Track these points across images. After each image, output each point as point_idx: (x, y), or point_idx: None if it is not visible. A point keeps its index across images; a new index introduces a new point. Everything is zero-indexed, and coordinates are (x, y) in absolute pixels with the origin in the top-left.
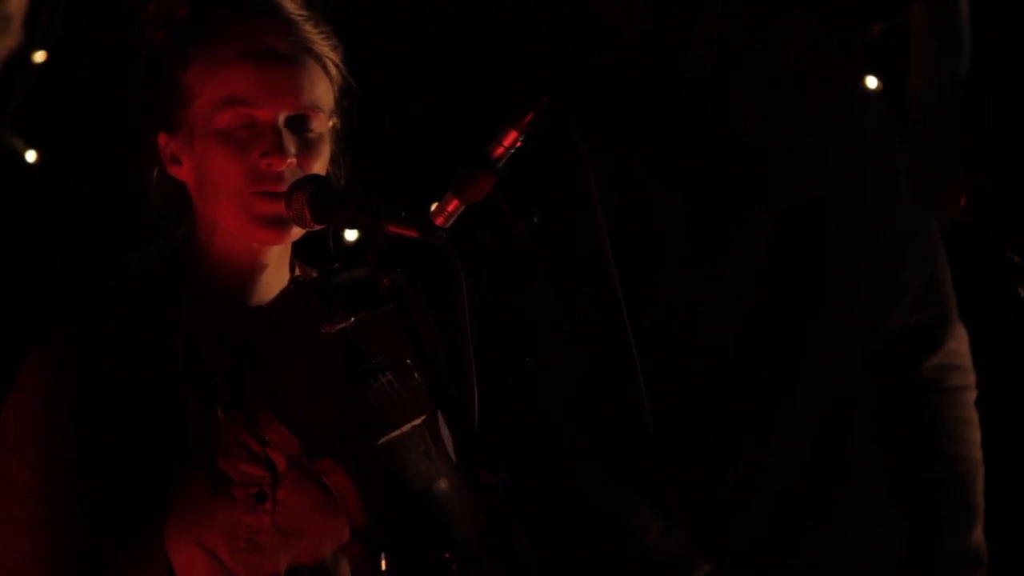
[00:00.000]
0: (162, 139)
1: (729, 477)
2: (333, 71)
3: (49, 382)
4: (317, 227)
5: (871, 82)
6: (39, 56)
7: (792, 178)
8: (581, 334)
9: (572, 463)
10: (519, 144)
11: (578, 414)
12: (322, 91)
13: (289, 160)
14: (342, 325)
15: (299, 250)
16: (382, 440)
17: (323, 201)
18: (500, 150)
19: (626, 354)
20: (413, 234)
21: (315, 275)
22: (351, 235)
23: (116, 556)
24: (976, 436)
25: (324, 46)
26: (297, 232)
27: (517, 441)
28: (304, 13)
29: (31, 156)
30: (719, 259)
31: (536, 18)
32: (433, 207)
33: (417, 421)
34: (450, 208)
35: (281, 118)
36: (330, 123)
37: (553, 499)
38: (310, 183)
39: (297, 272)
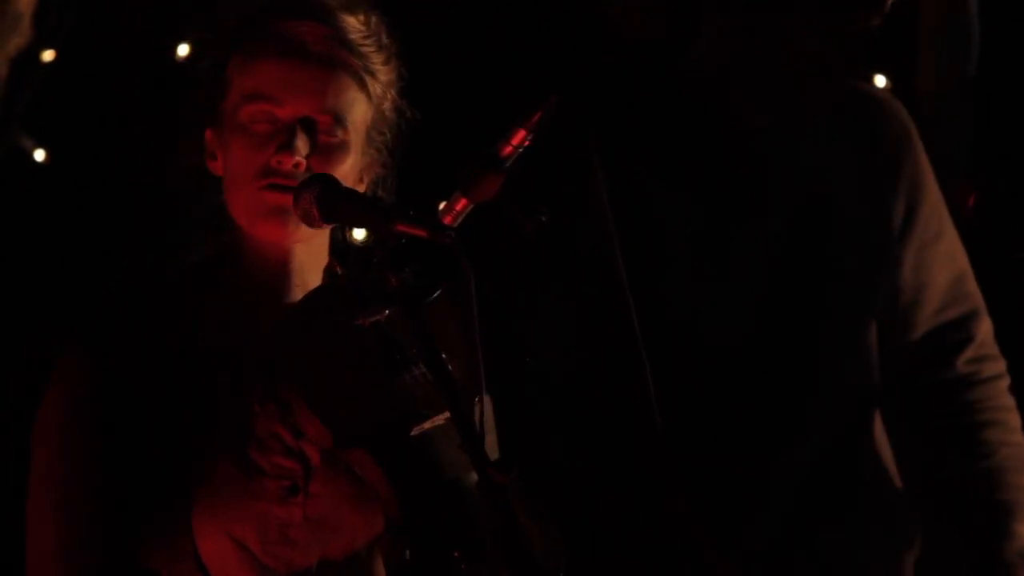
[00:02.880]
0: (208, 134)
1: (739, 477)
2: (375, 88)
3: (80, 377)
4: (325, 226)
5: (880, 82)
6: (48, 55)
7: (796, 177)
8: (587, 334)
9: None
10: (527, 143)
11: (576, 416)
12: (349, 100)
13: (297, 159)
14: (376, 318)
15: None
16: (415, 431)
17: (331, 200)
18: (508, 149)
19: (634, 355)
20: (422, 233)
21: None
22: (359, 234)
23: (145, 546)
24: (1017, 422)
25: (373, 62)
26: (306, 231)
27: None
28: (363, 29)
29: (40, 155)
30: (722, 260)
31: (542, 18)
32: (441, 206)
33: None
34: (458, 207)
35: (299, 118)
36: (360, 136)
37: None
38: (318, 182)
39: (316, 271)
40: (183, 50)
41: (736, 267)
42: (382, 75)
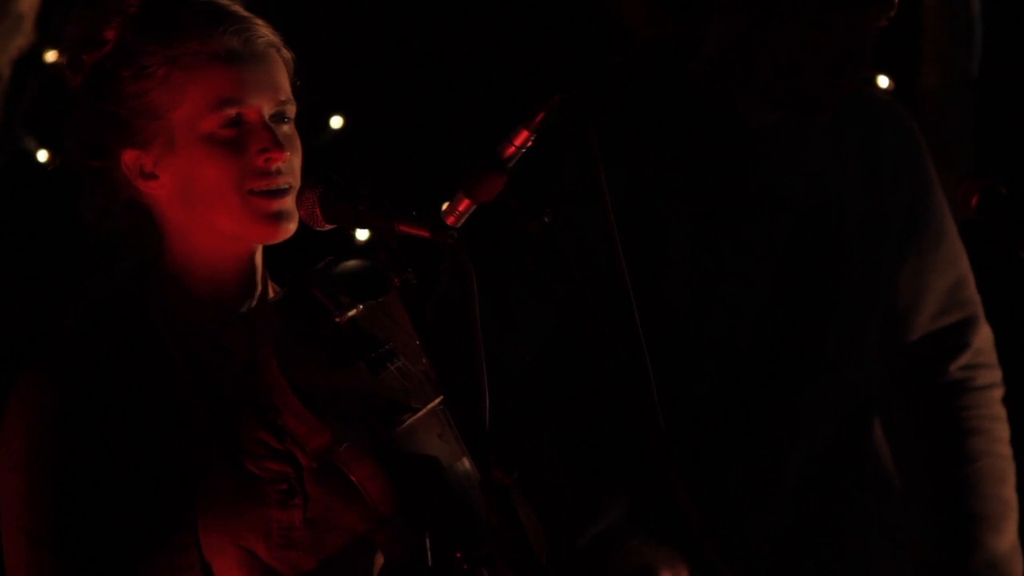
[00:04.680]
0: (128, 156)
1: (741, 477)
2: (290, 64)
3: (47, 402)
4: (328, 226)
5: (883, 82)
6: (51, 56)
7: (802, 178)
8: (590, 334)
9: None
10: (530, 143)
11: (577, 415)
12: (288, 82)
13: (286, 154)
14: (352, 314)
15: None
16: (403, 425)
17: (334, 200)
18: (511, 149)
19: (637, 354)
20: (424, 233)
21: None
22: (362, 234)
23: (147, 566)
24: (1006, 433)
25: (277, 39)
26: (293, 229)
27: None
28: (255, 13)
29: (42, 156)
30: (727, 259)
31: (549, 18)
32: (444, 206)
33: (434, 404)
34: (461, 207)
35: (266, 114)
36: None
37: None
38: (320, 182)
39: (267, 277)
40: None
41: (740, 266)
42: (289, 54)
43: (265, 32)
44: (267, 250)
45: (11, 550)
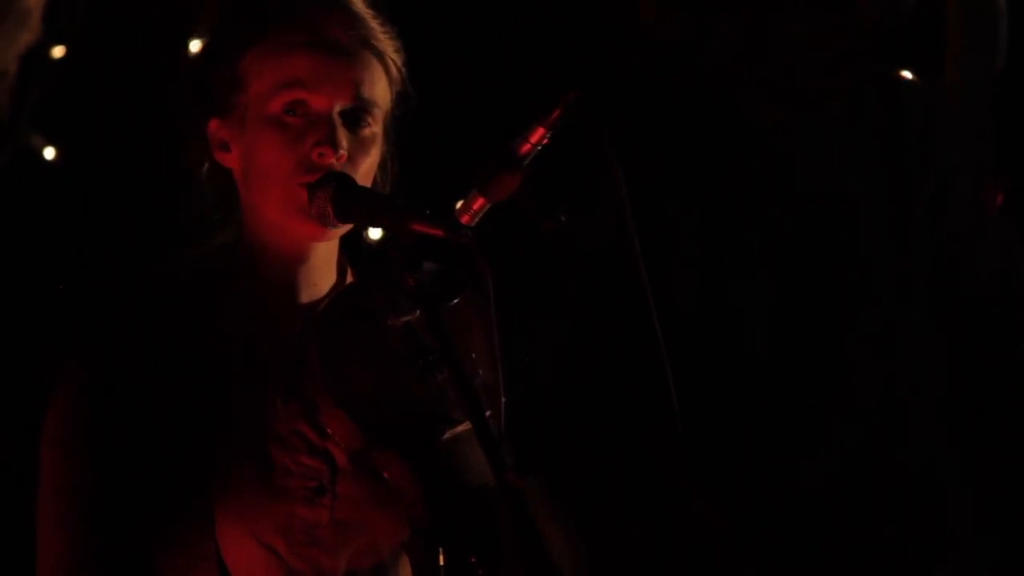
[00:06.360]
0: (213, 124)
1: (757, 481)
2: (394, 72)
3: (82, 385)
4: (340, 225)
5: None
6: (58, 51)
7: (811, 174)
8: (604, 333)
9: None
10: (545, 141)
11: (590, 416)
12: (381, 89)
13: (341, 153)
14: (407, 318)
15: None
16: (445, 436)
17: (346, 199)
18: (526, 147)
19: (655, 354)
20: (438, 232)
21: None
22: (375, 233)
23: (165, 552)
24: None
25: (388, 46)
26: (338, 231)
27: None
28: (370, 11)
29: (50, 153)
30: (734, 260)
31: (561, 16)
32: (458, 205)
33: None
34: (476, 206)
35: (336, 110)
36: (382, 124)
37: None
38: (332, 181)
39: (348, 272)
40: (195, 45)
41: (747, 267)
42: (397, 62)
43: (372, 33)
44: None
45: (40, 524)
